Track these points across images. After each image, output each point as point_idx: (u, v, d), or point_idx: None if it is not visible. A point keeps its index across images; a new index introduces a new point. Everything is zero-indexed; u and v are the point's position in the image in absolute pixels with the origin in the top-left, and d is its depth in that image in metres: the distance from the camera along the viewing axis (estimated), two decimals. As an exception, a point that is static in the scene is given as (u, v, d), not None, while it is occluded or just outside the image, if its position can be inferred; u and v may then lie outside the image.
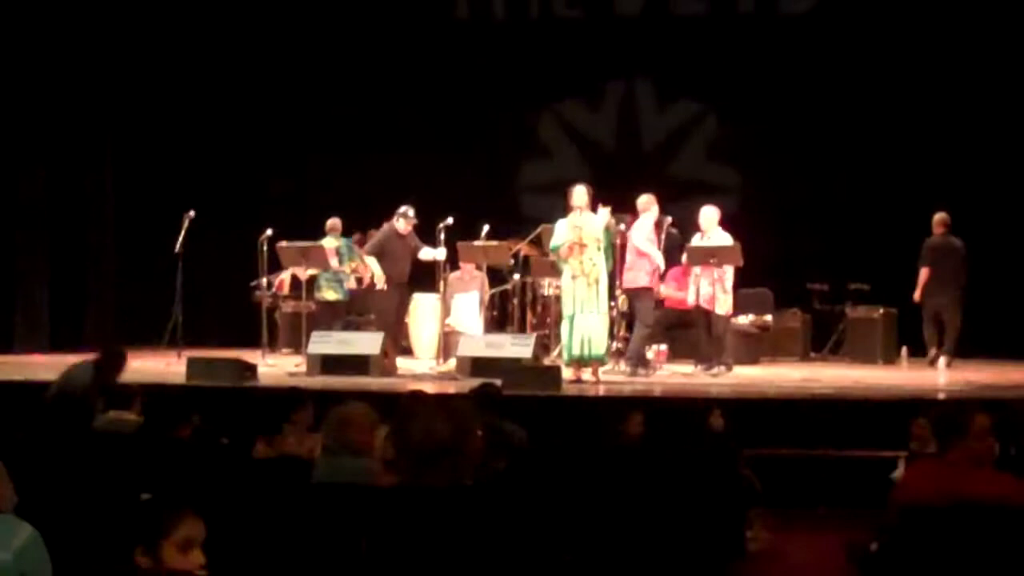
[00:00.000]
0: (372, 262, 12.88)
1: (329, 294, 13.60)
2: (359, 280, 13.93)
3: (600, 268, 11.65)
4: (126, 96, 15.88)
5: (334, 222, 13.92)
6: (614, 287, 12.36)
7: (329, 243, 13.59)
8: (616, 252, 12.13)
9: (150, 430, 6.68)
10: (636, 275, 12.40)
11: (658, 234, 12.62)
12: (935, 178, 14.86)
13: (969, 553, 4.74)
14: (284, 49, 16.23)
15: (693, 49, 15.84)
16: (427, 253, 12.96)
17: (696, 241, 12.68)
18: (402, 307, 13.33)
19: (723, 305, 12.47)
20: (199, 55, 16.07)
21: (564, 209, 11.90)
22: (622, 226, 12.39)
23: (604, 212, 11.74)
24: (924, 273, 13.54)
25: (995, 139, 14.90)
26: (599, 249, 11.66)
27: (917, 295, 13.60)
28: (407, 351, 14.05)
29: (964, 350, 13.50)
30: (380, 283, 12.85)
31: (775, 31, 15.76)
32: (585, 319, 11.58)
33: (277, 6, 16.24)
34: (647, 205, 12.54)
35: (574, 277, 11.65)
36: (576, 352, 11.66)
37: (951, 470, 5.15)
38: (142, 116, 16.04)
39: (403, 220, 12.85)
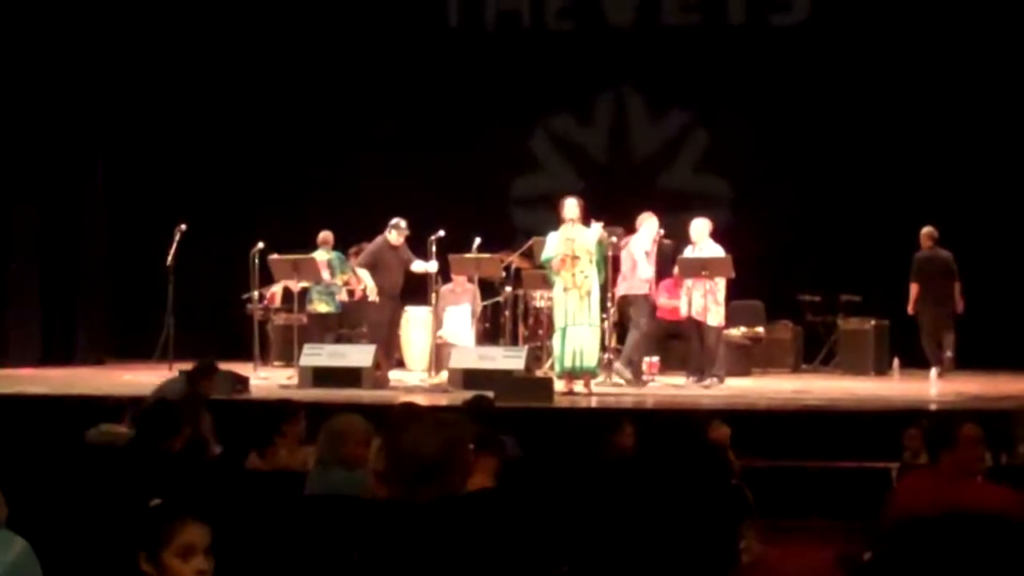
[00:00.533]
0: (364, 274, 12.90)
1: (321, 307, 13.60)
2: (351, 293, 13.93)
3: (592, 280, 11.66)
4: (117, 109, 15.88)
5: (325, 235, 13.91)
6: (606, 299, 12.38)
7: (321, 256, 13.58)
8: (608, 265, 12.15)
9: (141, 443, 6.67)
10: (632, 284, 12.48)
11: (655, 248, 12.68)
12: (926, 189, 14.88)
13: (961, 563, 4.74)
14: (275, 61, 16.23)
15: (684, 60, 15.86)
16: (419, 266, 12.97)
17: (688, 253, 12.70)
18: (395, 319, 13.32)
19: (715, 317, 12.50)
20: (190, 68, 16.07)
21: (556, 222, 11.93)
22: (614, 239, 12.41)
23: (597, 227, 11.77)
24: (914, 289, 13.70)
25: (986, 151, 14.93)
26: (591, 262, 11.67)
27: (910, 309, 13.74)
28: (400, 363, 14.05)
29: (956, 361, 13.53)
30: (372, 295, 12.87)
31: (766, 42, 15.78)
32: (576, 331, 11.59)
33: (268, 17, 16.23)
34: (644, 219, 12.61)
35: (566, 289, 11.67)
36: (568, 364, 11.67)
37: (942, 480, 5.16)
38: (133, 129, 16.05)
39: (395, 232, 12.86)
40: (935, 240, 13.79)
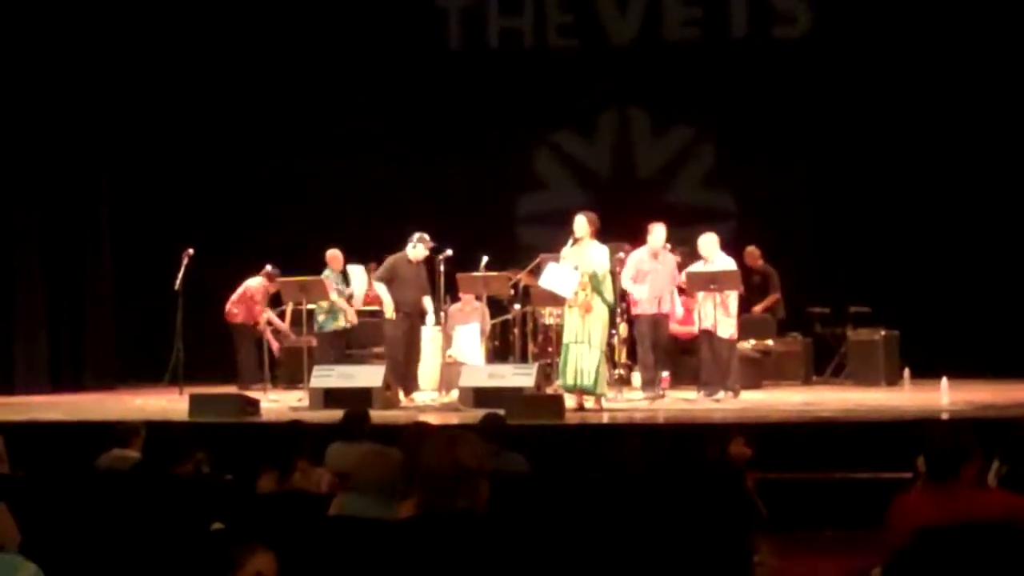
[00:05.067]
0: (381, 289, 12.75)
1: (328, 325, 13.62)
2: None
3: (595, 299, 11.59)
4: (122, 134, 15.92)
5: (333, 253, 13.92)
6: (615, 316, 12.35)
7: (329, 275, 13.59)
8: (618, 283, 12.17)
9: (147, 468, 6.65)
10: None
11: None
12: (935, 199, 14.90)
13: (973, 573, 4.72)
14: (281, 84, 16.28)
15: (687, 75, 15.88)
16: (426, 302, 12.92)
17: (699, 267, 12.62)
18: (413, 338, 12.96)
19: (726, 329, 12.43)
20: (196, 91, 16.13)
21: (561, 238, 11.92)
22: (621, 254, 12.40)
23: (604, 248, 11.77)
24: (775, 299, 14.46)
25: (993, 158, 14.91)
26: (599, 280, 11.63)
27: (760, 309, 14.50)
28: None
29: (965, 369, 13.44)
30: (389, 312, 12.71)
31: (769, 56, 15.81)
32: (577, 349, 11.55)
33: (274, 41, 16.27)
34: (650, 230, 12.65)
35: (570, 307, 11.65)
36: (569, 381, 11.62)
37: (950, 492, 5.13)
38: (139, 154, 16.09)
39: (421, 245, 12.73)
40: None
